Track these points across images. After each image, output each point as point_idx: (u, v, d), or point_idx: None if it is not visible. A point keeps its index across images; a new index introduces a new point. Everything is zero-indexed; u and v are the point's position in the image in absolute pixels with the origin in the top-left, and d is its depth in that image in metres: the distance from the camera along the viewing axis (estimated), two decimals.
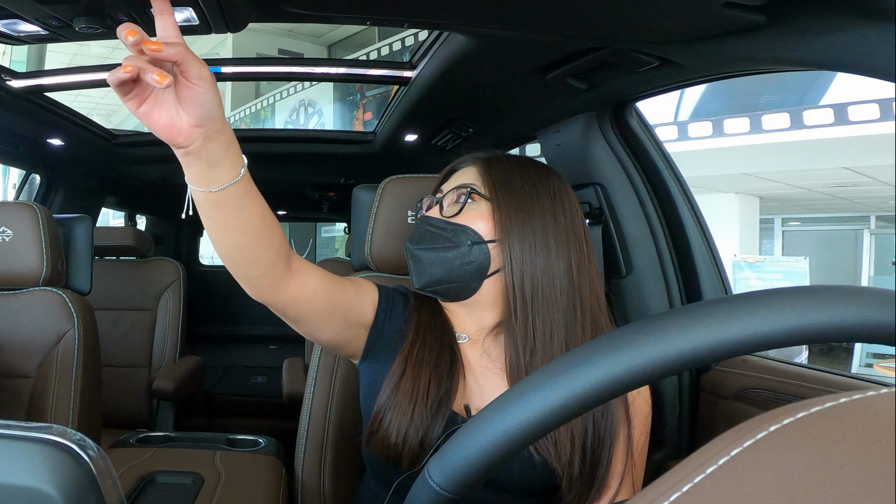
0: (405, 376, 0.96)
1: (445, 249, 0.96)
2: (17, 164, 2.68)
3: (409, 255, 1.01)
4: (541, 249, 0.94)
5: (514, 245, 0.94)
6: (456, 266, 0.96)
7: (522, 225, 0.95)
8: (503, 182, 0.98)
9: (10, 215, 1.51)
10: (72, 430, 0.45)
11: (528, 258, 0.94)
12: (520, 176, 0.99)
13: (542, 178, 1.00)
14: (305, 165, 3.05)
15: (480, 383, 0.99)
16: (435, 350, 0.98)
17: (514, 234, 0.94)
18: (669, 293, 1.47)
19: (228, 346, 4.39)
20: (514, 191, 0.97)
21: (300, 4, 1.00)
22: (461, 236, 0.96)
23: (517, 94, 1.54)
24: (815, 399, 0.27)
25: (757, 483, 0.24)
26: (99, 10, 0.94)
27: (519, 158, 1.03)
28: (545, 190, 0.98)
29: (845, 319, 0.38)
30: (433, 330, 1.01)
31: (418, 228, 1.01)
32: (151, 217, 4.42)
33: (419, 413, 0.92)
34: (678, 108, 6.01)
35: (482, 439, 0.44)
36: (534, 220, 0.95)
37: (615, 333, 0.42)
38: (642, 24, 1.02)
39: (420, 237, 1.00)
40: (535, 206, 0.96)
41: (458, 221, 0.97)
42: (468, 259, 0.96)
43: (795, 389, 1.15)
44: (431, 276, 0.98)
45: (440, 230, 0.98)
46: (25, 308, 1.53)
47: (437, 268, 0.97)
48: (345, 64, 1.83)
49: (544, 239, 0.95)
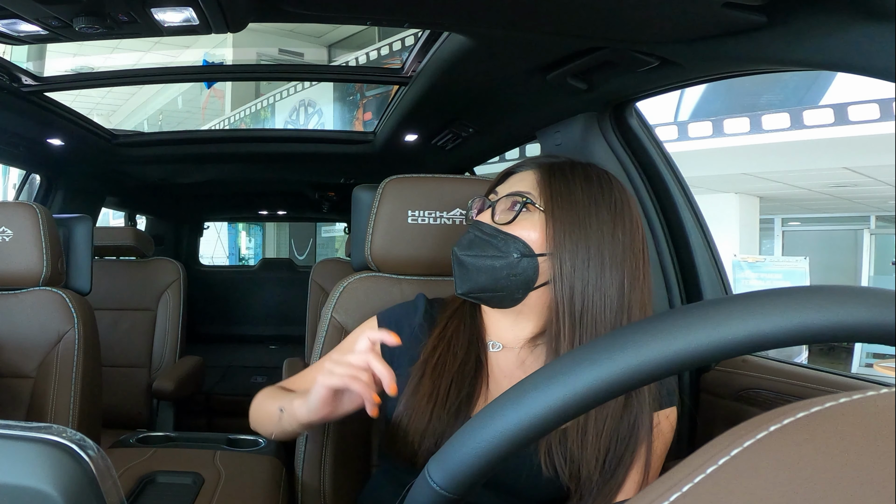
0: (424, 378, 0.96)
1: (493, 258, 0.93)
2: (18, 164, 2.68)
3: (455, 259, 0.97)
4: (594, 266, 0.91)
5: (565, 260, 0.91)
6: (502, 276, 0.93)
7: (577, 240, 0.91)
8: (562, 194, 0.93)
9: (11, 215, 1.51)
10: (72, 430, 0.45)
11: (579, 274, 0.90)
12: (581, 188, 0.94)
13: (605, 190, 0.95)
14: (305, 165, 3.05)
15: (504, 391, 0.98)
16: (459, 357, 0.97)
17: (566, 249, 0.91)
18: (669, 293, 1.47)
19: (228, 346, 4.39)
20: (573, 204, 0.93)
21: (300, 4, 1.00)
22: (511, 246, 0.92)
23: (517, 94, 1.54)
24: (815, 399, 0.27)
25: (757, 483, 0.24)
26: (99, 10, 0.94)
27: (584, 167, 0.98)
28: (606, 203, 0.94)
29: (845, 319, 0.38)
30: (460, 337, 1.00)
31: (468, 233, 0.97)
32: (151, 217, 4.42)
33: (437, 415, 0.92)
34: (678, 108, 6.02)
35: (482, 439, 0.44)
36: (590, 235, 0.91)
37: (615, 333, 0.42)
38: (642, 24, 1.02)
39: (469, 243, 0.96)
40: (592, 220, 0.92)
41: (509, 231, 0.93)
42: (516, 270, 0.92)
43: (795, 389, 1.15)
44: (475, 284, 0.95)
45: (490, 237, 0.94)
46: (25, 308, 1.53)
47: (482, 276, 0.94)
48: (342, 71, 1.83)
49: (599, 255, 0.91)
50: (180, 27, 1.02)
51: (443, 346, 0.99)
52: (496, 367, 1.00)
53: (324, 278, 3.11)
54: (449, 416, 0.92)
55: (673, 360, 0.39)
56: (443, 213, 1.26)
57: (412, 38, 8.71)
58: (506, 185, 1.00)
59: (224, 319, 4.61)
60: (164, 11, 0.97)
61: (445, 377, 0.95)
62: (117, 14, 0.96)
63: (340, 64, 9.39)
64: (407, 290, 1.30)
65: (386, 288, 1.30)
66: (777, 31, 0.93)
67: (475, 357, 0.98)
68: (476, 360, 0.98)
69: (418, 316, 1.06)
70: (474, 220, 0.98)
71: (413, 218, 1.27)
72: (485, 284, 0.94)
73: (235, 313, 4.64)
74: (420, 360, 0.99)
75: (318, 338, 1.27)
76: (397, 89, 1.92)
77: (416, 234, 1.27)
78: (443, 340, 0.99)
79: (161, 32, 1.04)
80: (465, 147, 2.21)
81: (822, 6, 0.84)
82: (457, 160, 2.45)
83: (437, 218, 1.27)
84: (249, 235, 12.90)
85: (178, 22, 1.01)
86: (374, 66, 2.03)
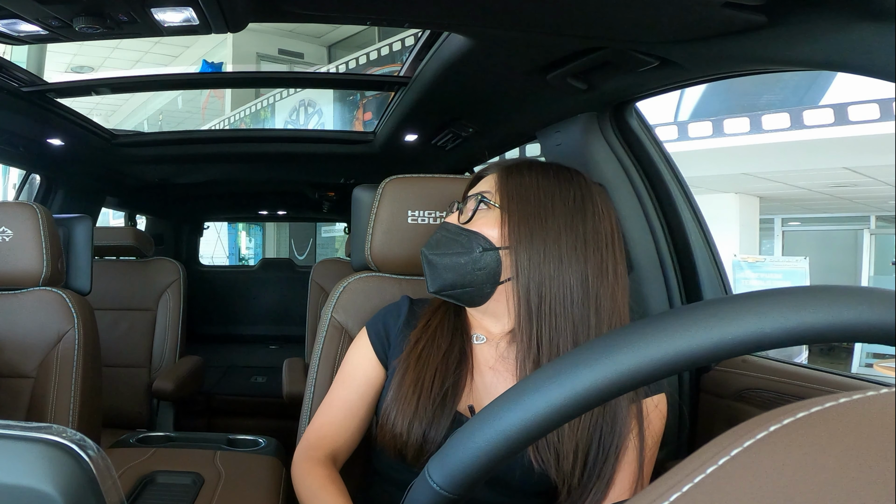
0: (409, 370, 1.01)
1: (458, 255, 0.98)
2: (17, 163, 2.68)
3: (425, 259, 1.02)
4: (551, 259, 0.92)
5: (521, 254, 0.93)
6: (468, 271, 0.97)
7: (532, 234, 0.93)
8: (516, 190, 0.98)
9: (10, 215, 1.51)
10: (72, 430, 0.45)
11: (535, 267, 0.93)
12: (538, 184, 0.97)
13: (563, 184, 0.98)
14: (305, 165, 3.05)
15: (489, 383, 1.02)
16: (443, 347, 1.02)
17: (522, 244, 0.93)
18: (669, 293, 1.47)
19: (228, 347, 4.39)
20: (527, 200, 0.96)
21: (300, 4, 1.01)
22: (472, 242, 0.97)
23: (517, 95, 1.54)
24: (815, 399, 0.27)
25: (757, 483, 0.24)
26: (99, 10, 0.94)
27: (543, 165, 1.01)
28: (563, 197, 0.96)
29: (845, 319, 0.38)
30: (444, 330, 1.05)
31: (435, 234, 1.03)
32: (151, 217, 4.42)
33: (423, 405, 0.96)
34: (678, 107, 6.02)
35: (482, 439, 0.44)
36: (546, 229, 0.93)
37: (615, 333, 0.42)
38: (642, 24, 1.02)
39: (436, 243, 1.02)
40: (548, 215, 0.94)
41: (470, 227, 0.98)
42: (480, 265, 0.96)
43: (795, 389, 1.15)
44: (444, 281, 0.99)
45: (455, 236, 0.99)
46: (25, 308, 1.53)
47: (449, 273, 0.99)
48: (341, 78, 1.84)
49: (556, 248, 0.93)
50: (180, 27, 1.02)
51: (426, 338, 1.04)
52: (480, 358, 1.03)
53: (324, 278, 3.11)
54: (434, 406, 0.96)
55: (673, 360, 0.39)
56: (442, 214, 1.27)
57: (412, 38, 8.70)
58: (475, 188, 1.05)
59: (224, 319, 4.62)
60: (164, 11, 0.97)
61: (430, 367, 0.99)
62: (117, 14, 0.96)
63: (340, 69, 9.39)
64: (407, 289, 1.30)
65: (386, 288, 1.30)
66: (777, 30, 0.93)
67: (459, 348, 1.02)
68: (460, 350, 1.02)
69: (402, 316, 1.11)
70: (443, 221, 1.04)
71: (413, 218, 1.27)
72: (453, 280, 0.99)
73: (235, 313, 4.64)
74: (404, 352, 1.04)
75: (319, 338, 1.27)
76: (397, 90, 1.92)
77: (415, 234, 1.27)
78: (426, 332, 1.04)
79: (161, 32, 1.04)
80: (465, 147, 2.21)
81: (822, 6, 0.84)
82: (457, 160, 2.45)
83: (436, 218, 1.27)
84: (249, 235, 12.91)
85: (177, 22, 1.01)
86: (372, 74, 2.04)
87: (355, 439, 1.09)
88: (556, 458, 0.90)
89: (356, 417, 1.08)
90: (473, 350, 1.04)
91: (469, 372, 1.01)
